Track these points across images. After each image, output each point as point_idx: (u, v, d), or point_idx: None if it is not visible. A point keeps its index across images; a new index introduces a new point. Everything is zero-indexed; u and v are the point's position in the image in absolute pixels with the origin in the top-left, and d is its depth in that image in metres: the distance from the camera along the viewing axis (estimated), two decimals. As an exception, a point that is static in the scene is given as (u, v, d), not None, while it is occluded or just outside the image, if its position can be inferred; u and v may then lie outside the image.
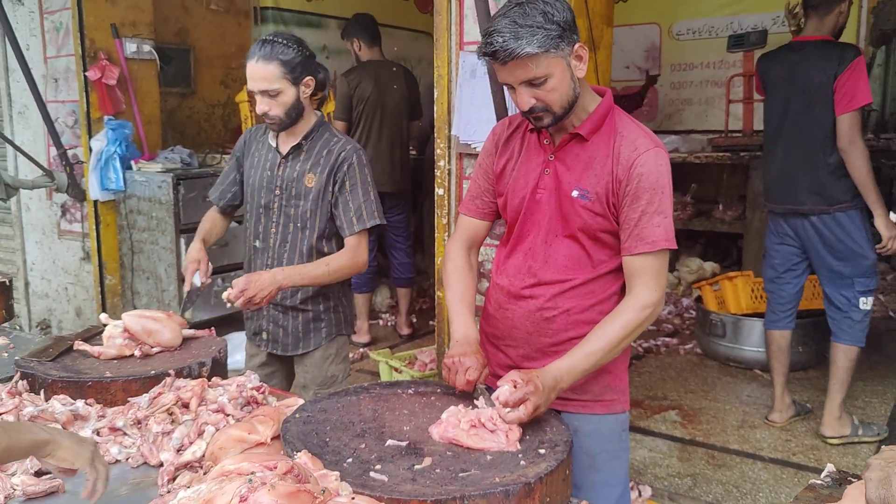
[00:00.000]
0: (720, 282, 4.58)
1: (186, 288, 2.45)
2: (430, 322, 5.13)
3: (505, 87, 1.76)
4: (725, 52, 5.96)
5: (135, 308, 4.85)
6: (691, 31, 6.69)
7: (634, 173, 1.71)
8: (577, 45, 1.69)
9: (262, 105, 2.36)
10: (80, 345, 2.08)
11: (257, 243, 2.56)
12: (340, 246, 2.53)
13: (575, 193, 1.77)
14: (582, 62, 1.71)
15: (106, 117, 4.71)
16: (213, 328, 2.32)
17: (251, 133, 2.66)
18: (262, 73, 2.31)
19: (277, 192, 2.50)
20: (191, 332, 2.22)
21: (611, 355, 1.73)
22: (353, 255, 2.45)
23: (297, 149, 2.48)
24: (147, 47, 4.91)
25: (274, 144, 2.53)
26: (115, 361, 2.02)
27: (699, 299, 4.83)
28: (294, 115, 2.41)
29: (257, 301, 2.30)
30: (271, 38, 2.35)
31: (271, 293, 2.32)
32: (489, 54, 1.64)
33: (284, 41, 2.35)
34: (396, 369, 3.82)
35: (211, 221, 2.70)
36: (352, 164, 2.42)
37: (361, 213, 2.44)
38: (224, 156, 5.05)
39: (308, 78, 2.39)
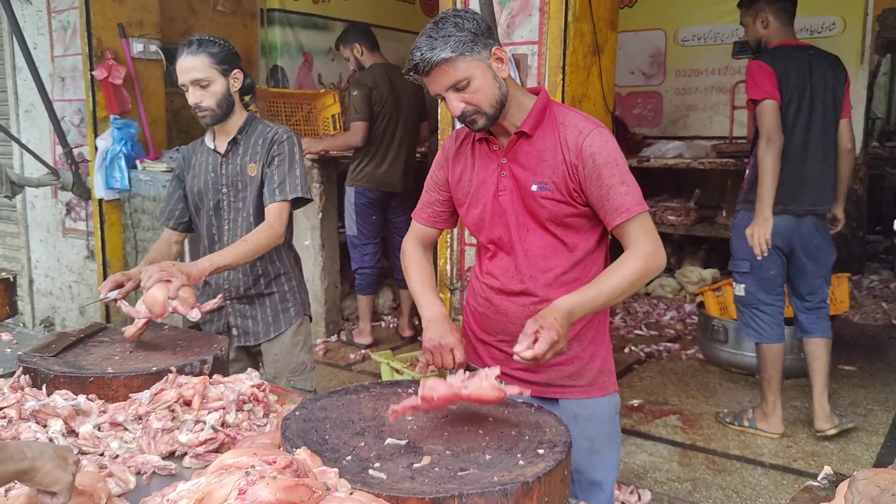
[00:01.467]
0: (722, 287, 4.58)
1: (102, 294, 2.24)
2: (433, 324, 5.14)
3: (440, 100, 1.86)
4: (730, 58, 5.97)
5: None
6: (697, 38, 6.70)
7: (586, 154, 1.81)
8: (494, 48, 1.80)
9: (193, 97, 2.44)
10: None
11: (214, 245, 2.59)
12: (289, 229, 2.58)
13: (534, 188, 1.86)
14: (503, 63, 1.82)
15: (112, 116, 4.74)
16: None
17: (188, 149, 2.72)
18: (191, 64, 2.41)
19: (224, 189, 2.56)
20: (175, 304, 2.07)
21: (618, 296, 1.81)
22: (268, 225, 2.44)
23: (233, 144, 2.54)
24: (153, 47, 4.94)
25: (212, 146, 2.59)
26: (117, 357, 2.03)
27: (701, 305, 4.83)
28: (225, 106, 2.47)
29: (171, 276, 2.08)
30: (197, 37, 2.46)
31: (194, 277, 2.16)
32: (412, 69, 1.77)
33: (211, 38, 2.46)
34: (398, 371, 3.82)
35: (157, 251, 2.62)
36: (282, 143, 2.49)
37: (284, 185, 2.46)
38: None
39: (236, 71, 2.47)
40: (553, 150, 1.85)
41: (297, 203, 2.52)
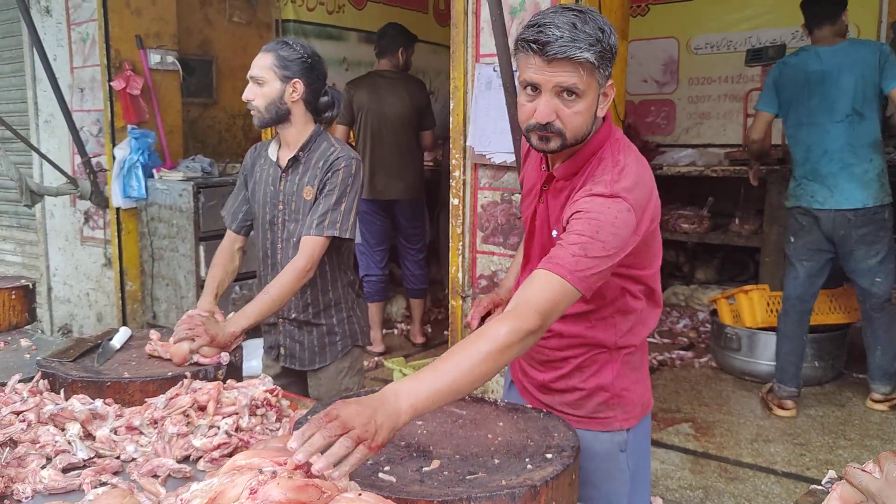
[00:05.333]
0: (736, 295, 4.58)
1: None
2: (444, 332, 5.16)
3: (519, 94, 1.64)
4: (743, 66, 5.98)
5: (154, 315, 4.92)
6: (709, 46, 6.70)
7: (574, 207, 1.59)
8: (609, 82, 1.61)
9: (248, 92, 2.39)
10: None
11: (268, 261, 2.55)
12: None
13: (554, 234, 1.73)
14: (607, 100, 1.63)
15: (129, 126, 4.80)
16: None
17: (256, 149, 2.65)
18: (258, 60, 2.38)
19: (280, 206, 2.48)
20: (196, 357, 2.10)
21: (470, 382, 1.39)
22: (293, 268, 2.33)
23: (294, 161, 2.45)
24: (171, 58, 5.00)
25: (274, 158, 2.51)
26: (134, 363, 2.07)
27: (714, 313, 4.82)
28: (275, 112, 2.38)
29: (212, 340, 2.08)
30: (284, 39, 2.43)
31: (219, 342, 2.11)
32: (540, 43, 1.51)
33: (291, 43, 2.40)
34: (410, 378, 3.84)
35: (222, 267, 2.56)
36: (337, 171, 2.38)
37: (325, 219, 2.36)
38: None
39: (296, 80, 2.37)
40: (572, 197, 1.65)
41: (337, 239, 2.42)
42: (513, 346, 1.43)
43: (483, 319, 1.91)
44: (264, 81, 2.36)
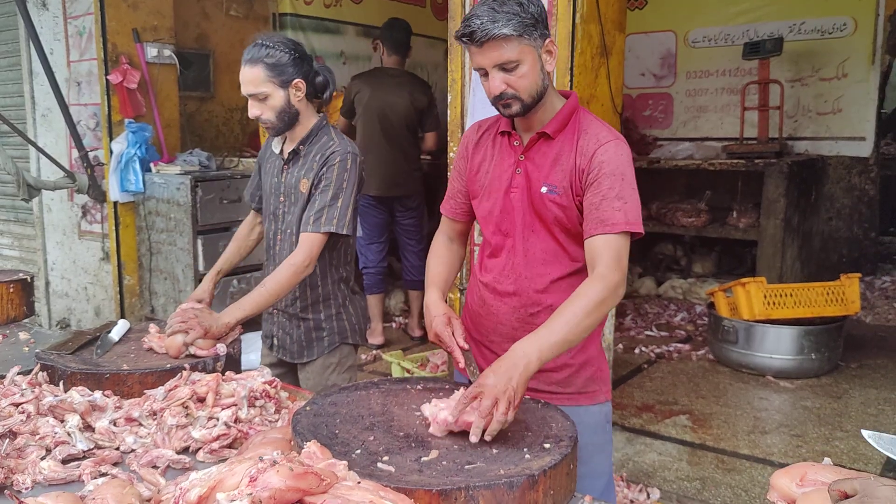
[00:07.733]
0: (733, 288, 4.59)
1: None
2: (443, 325, 5.17)
3: (478, 76, 1.84)
4: (741, 59, 5.98)
5: (152, 309, 4.93)
6: (707, 39, 6.70)
7: (595, 162, 1.79)
8: (548, 41, 1.79)
9: (253, 109, 2.34)
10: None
11: (270, 251, 2.56)
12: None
13: (544, 189, 1.86)
14: (552, 57, 1.81)
15: (127, 120, 4.79)
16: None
17: (270, 139, 2.63)
18: (248, 76, 2.30)
19: (282, 198, 2.49)
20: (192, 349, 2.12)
21: (578, 334, 1.69)
22: (290, 264, 2.31)
23: (295, 154, 2.44)
24: (167, 52, 5.00)
25: (277, 150, 2.51)
26: (132, 355, 2.07)
27: (712, 305, 4.83)
28: (287, 118, 2.37)
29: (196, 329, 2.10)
30: (260, 41, 2.32)
31: (213, 333, 2.13)
32: (466, 35, 1.74)
33: (271, 44, 2.30)
34: (408, 370, 3.85)
35: (236, 242, 2.69)
36: (332, 165, 2.35)
37: (321, 215, 2.34)
38: (241, 159, 5.13)
39: (297, 80, 2.33)
40: (568, 154, 1.83)
41: (333, 236, 2.38)
42: (606, 299, 1.71)
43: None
44: (266, 95, 2.31)
